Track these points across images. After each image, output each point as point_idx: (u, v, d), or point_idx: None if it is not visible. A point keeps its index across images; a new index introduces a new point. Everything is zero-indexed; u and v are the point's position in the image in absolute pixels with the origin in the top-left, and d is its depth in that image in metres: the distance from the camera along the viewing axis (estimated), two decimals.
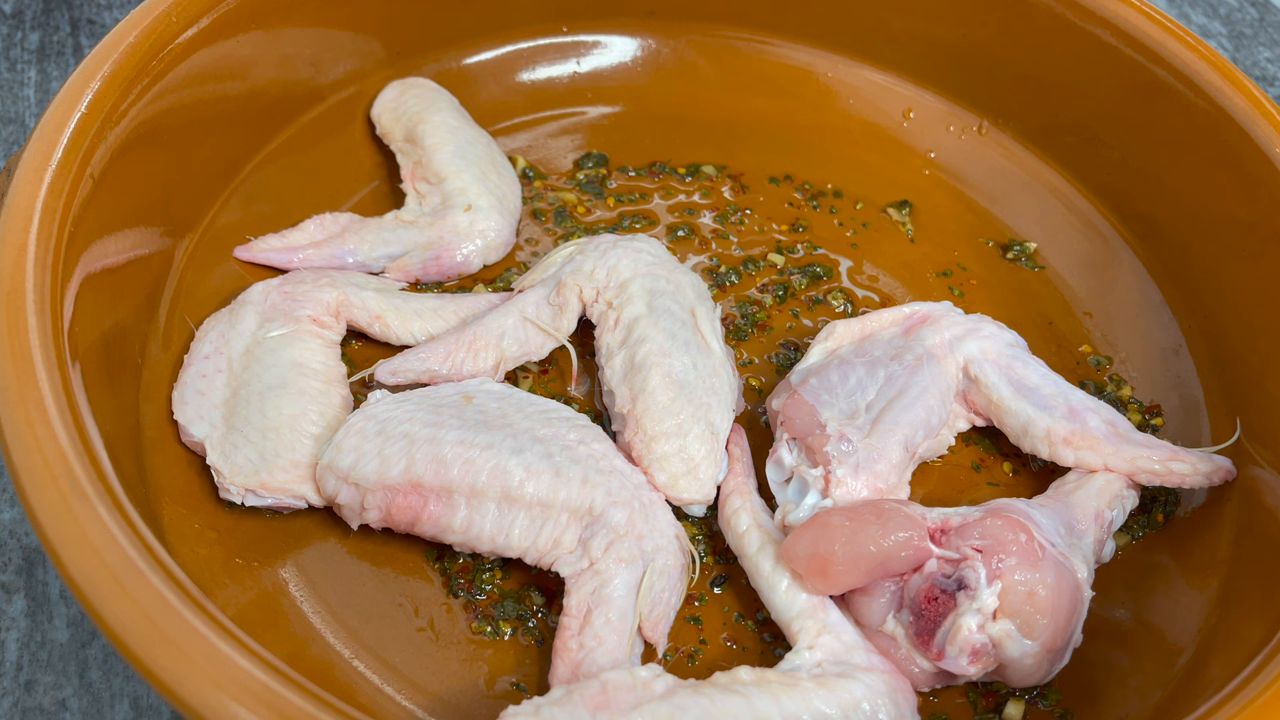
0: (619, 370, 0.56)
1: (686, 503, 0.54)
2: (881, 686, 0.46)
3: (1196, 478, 0.54)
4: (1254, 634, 0.45)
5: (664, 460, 0.53)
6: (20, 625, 0.55)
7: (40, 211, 0.47)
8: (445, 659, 0.50)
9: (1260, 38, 0.94)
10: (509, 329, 0.58)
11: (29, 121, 0.78)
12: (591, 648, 0.47)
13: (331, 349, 0.58)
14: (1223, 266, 0.61)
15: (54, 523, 0.39)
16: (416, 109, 0.68)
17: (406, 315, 0.60)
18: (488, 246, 0.65)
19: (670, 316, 0.58)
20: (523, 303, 0.59)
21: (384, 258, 0.64)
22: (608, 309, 0.59)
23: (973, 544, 0.47)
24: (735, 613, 0.53)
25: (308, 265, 0.63)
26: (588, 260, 0.60)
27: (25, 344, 0.43)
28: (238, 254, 0.62)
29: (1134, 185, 0.67)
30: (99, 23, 0.86)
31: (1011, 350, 0.58)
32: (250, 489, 0.52)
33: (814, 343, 0.59)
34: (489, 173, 0.67)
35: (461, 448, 0.50)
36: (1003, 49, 0.70)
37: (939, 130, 0.74)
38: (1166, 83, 0.63)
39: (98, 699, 0.53)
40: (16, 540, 0.58)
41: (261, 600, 0.51)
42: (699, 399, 0.55)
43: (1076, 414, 0.56)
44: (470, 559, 0.53)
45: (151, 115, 0.55)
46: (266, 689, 0.36)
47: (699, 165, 0.73)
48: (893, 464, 0.53)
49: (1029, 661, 0.47)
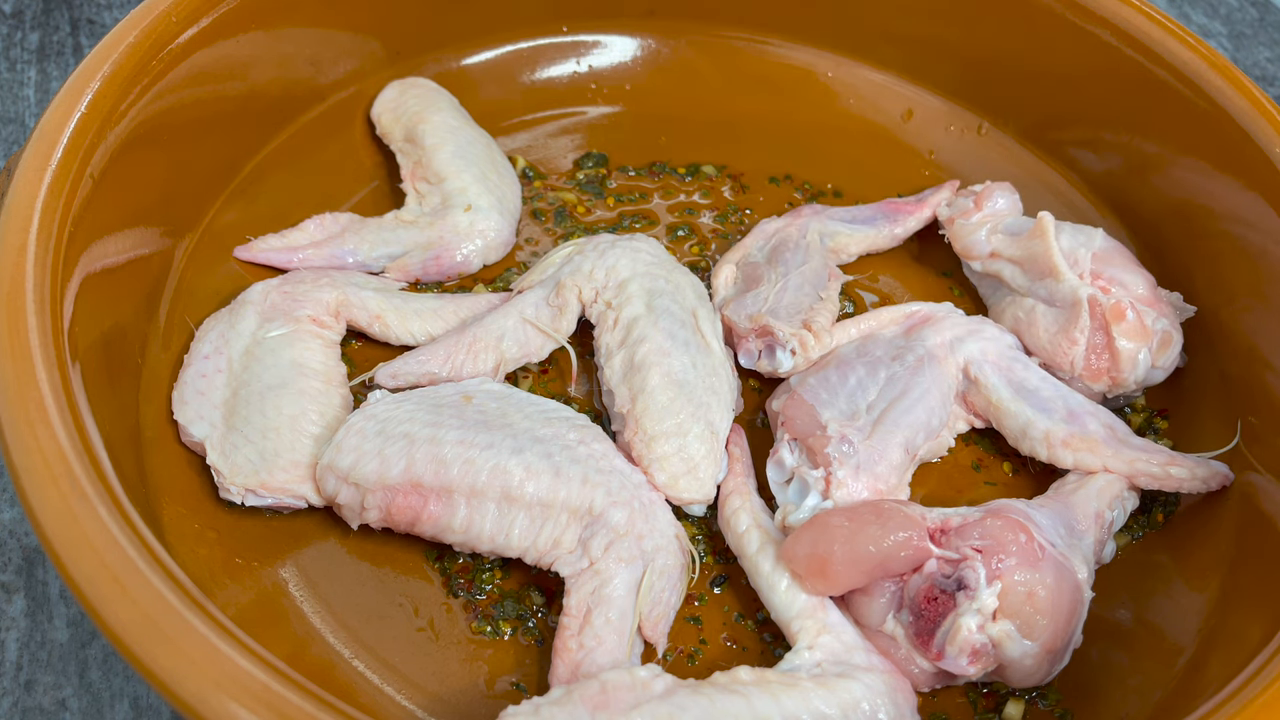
0: (618, 370, 0.56)
1: (686, 502, 0.53)
2: (881, 686, 0.46)
3: (1194, 483, 0.54)
4: (1254, 634, 0.45)
5: (664, 460, 0.53)
6: (20, 625, 0.55)
7: (40, 211, 0.47)
8: (445, 659, 0.50)
9: (1260, 38, 0.94)
10: (508, 330, 0.58)
11: (29, 121, 0.78)
12: (591, 648, 0.47)
13: (331, 349, 0.58)
14: (1223, 267, 0.61)
15: (54, 523, 0.39)
16: (416, 109, 0.68)
17: (406, 315, 0.60)
18: (487, 246, 0.65)
19: (670, 316, 0.58)
20: (522, 304, 0.59)
21: (384, 257, 0.64)
22: (606, 309, 0.59)
23: (972, 544, 0.47)
24: (735, 613, 0.53)
25: (308, 265, 0.63)
26: (586, 260, 0.60)
27: (25, 344, 0.43)
28: (238, 254, 0.63)
29: (1134, 185, 0.67)
30: (99, 23, 0.86)
31: (1012, 352, 0.59)
32: (250, 489, 0.52)
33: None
34: (489, 173, 0.67)
35: (461, 448, 0.50)
36: (1003, 49, 0.70)
37: (939, 130, 0.74)
38: (1166, 83, 0.63)
39: (98, 699, 0.53)
40: (16, 540, 0.58)
41: (261, 600, 0.51)
42: (699, 398, 0.55)
43: (1075, 417, 0.56)
44: (470, 559, 0.53)
45: (151, 115, 0.55)
46: (266, 689, 0.36)
47: (699, 165, 0.73)
48: (893, 465, 0.53)
49: (1029, 662, 0.47)
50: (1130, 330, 0.57)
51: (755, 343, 0.59)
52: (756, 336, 0.59)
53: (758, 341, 0.59)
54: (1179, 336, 0.59)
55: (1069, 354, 0.58)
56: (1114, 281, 0.59)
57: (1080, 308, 0.57)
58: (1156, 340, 0.57)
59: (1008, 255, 0.62)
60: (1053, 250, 0.59)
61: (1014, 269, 0.62)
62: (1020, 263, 0.61)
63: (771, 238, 0.66)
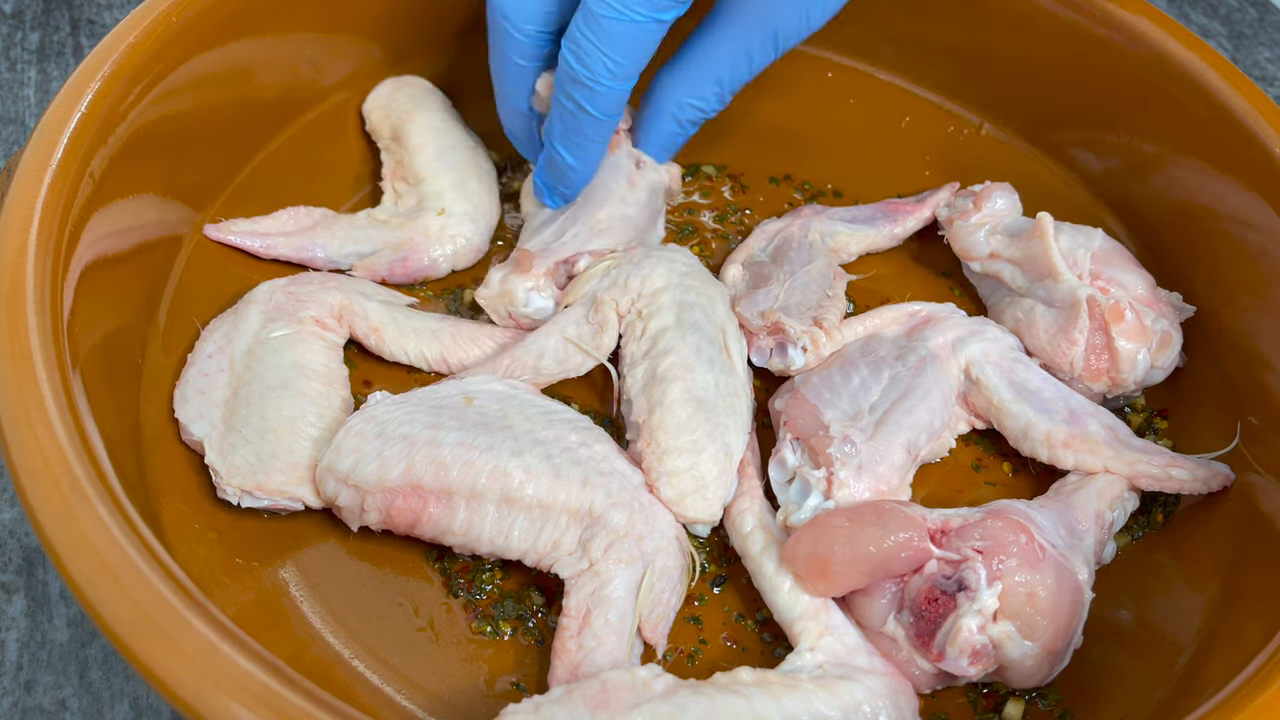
0: (640, 380, 0.56)
1: (691, 521, 0.53)
2: (882, 689, 0.46)
3: (1195, 484, 0.54)
4: (1254, 634, 0.45)
5: (674, 475, 0.52)
6: (20, 625, 0.55)
7: (40, 211, 0.47)
8: (445, 659, 0.50)
9: (1260, 38, 0.94)
10: (549, 349, 0.58)
11: (29, 121, 0.78)
12: (591, 648, 0.47)
13: (334, 351, 0.58)
14: (1223, 267, 0.61)
15: (54, 523, 0.39)
16: (405, 108, 0.68)
17: (404, 332, 0.59)
18: (457, 252, 0.64)
19: (698, 331, 0.57)
20: (563, 322, 0.59)
21: (352, 255, 0.64)
22: (637, 318, 0.58)
23: (973, 545, 0.47)
24: (735, 613, 0.53)
25: (274, 254, 0.63)
26: (623, 273, 0.59)
27: (25, 344, 0.43)
28: (208, 231, 0.62)
29: (1134, 185, 0.67)
30: (99, 23, 0.86)
31: (1013, 353, 0.59)
32: (247, 490, 0.52)
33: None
34: (469, 178, 0.66)
35: (461, 449, 0.50)
36: (1003, 49, 0.70)
37: (939, 130, 0.74)
38: (1166, 82, 0.63)
39: (98, 699, 0.53)
40: (16, 540, 0.58)
41: (261, 600, 0.51)
42: (717, 418, 0.54)
43: (1076, 418, 0.56)
44: (470, 559, 0.53)
45: (152, 115, 0.55)
46: (266, 689, 0.36)
47: (699, 165, 0.73)
48: (895, 466, 0.53)
49: (1029, 663, 0.47)
50: (1129, 330, 0.57)
51: (767, 340, 0.59)
52: (768, 334, 0.59)
53: (769, 339, 0.59)
54: (1178, 336, 0.59)
55: (1068, 354, 0.58)
56: (1113, 282, 0.59)
57: (1079, 308, 0.57)
58: (1156, 340, 0.57)
59: (1007, 256, 0.62)
60: (1052, 251, 0.59)
61: (1013, 269, 0.62)
62: (1019, 263, 0.61)
63: (774, 238, 0.66)
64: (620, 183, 0.64)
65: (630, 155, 0.65)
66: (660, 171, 0.66)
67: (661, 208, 0.67)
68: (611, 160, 0.64)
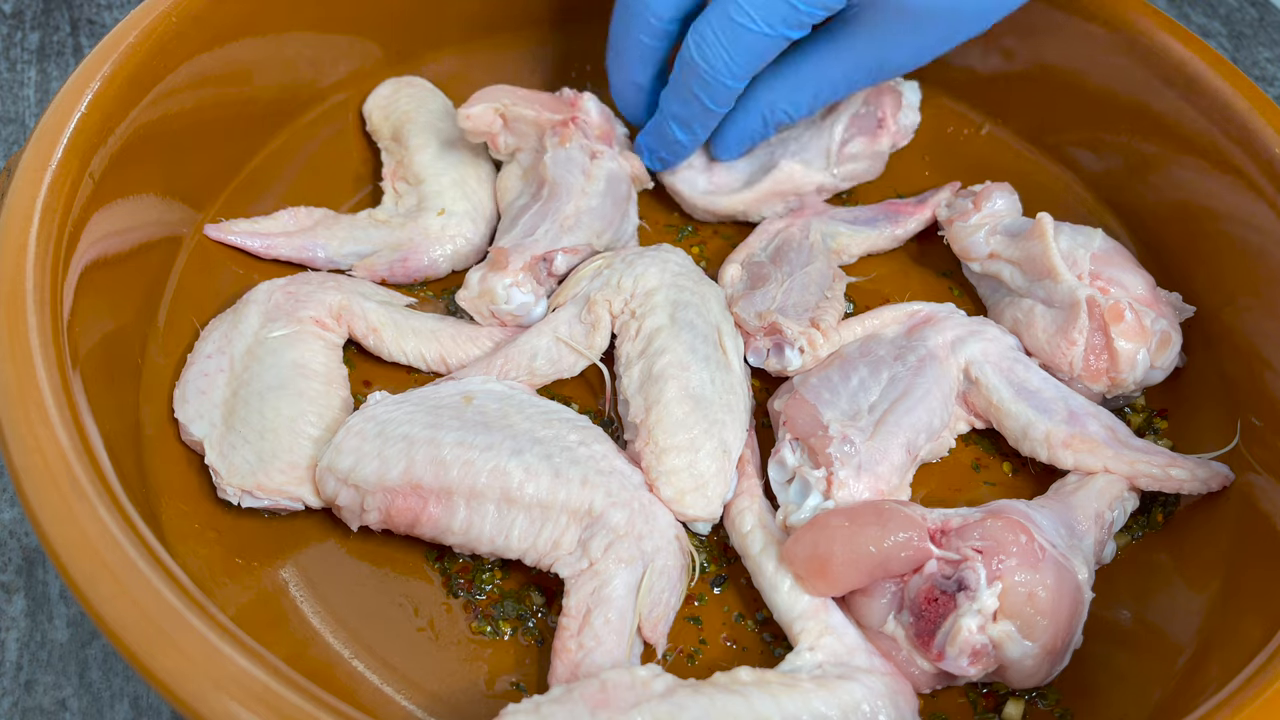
0: (636, 380, 0.56)
1: (691, 519, 0.53)
2: (882, 688, 0.46)
3: (1195, 484, 0.54)
4: (1254, 634, 0.45)
5: (673, 474, 0.53)
6: (20, 625, 0.55)
7: (40, 211, 0.47)
8: (445, 659, 0.51)
9: (1260, 38, 0.94)
10: (541, 349, 0.58)
11: (29, 121, 0.78)
12: (590, 648, 0.47)
13: (333, 351, 0.58)
14: (1223, 267, 0.61)
15: (54, 523, 0.39)
16: (406, 108, 0.68)
17: (403, 333, 0.59)
18: (457, 253, 0.64)
19: (692, 330, 0.57)
20: (555, 322, 0.59)
21: (352, 255, 0.64)
22: (630, 318, 0.58)
23: (973, 545, 0.47)
24: (735, 613, 0.53)
25: (274, 254, 0.63)
26: (615, 273, 0.59)
27: (25, 344, 0.43)
28: (208, 231, 0.62)
29: (1134, 185, 0.67)
30: (99, 23, 0.86)
31: (1013, 353, 0.59)
32: (246, 490, 0.52)
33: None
34: (469, 178, 0.66)
35: (461, 449, 0.50)
36: (1003, 49, 0.70)
37: (939, 130, 0.74)
38: (1166, 83, 0.63)
39: (98, 699, 0.53)
40: (16, 540, 0.58)
41: (261, 600, 0.51)
42: (714, 416, 0.54)
43: (1076, 418, 0.56)
44: (470, 559, 0.53)
45: (152, 115, 0.55)
46: (266, 689, 0.36)
47: None
48: (895, 466, 0.53)
49: (1029, 663, 0.47)
50: (1129, 331, 0.57)
51: (764, 341, 0.59)
52: (765, 335, 0.59)
53: (766, 340, 0.59)
54: (1178, 337, 0.59)
55: (1068, 355, 0.58)
56: (1113, 282, 0.59)
57: (1079, 308, 0.57)
58: (1155, 340, 0.57)
59: (1006, 256, 0.62)
60: (1051, 251, 0.59)
61: (1013, 270, 0.62)
62: (1019, 263, 0.61)
63: (774, 238, 0.66)
64: (577, 175, 0.63)
65: (583, 148, 0.64)
66: (617, 160, 0.65)
67: (628, 195, 0.66)
68: (564, 154, 0.64)
